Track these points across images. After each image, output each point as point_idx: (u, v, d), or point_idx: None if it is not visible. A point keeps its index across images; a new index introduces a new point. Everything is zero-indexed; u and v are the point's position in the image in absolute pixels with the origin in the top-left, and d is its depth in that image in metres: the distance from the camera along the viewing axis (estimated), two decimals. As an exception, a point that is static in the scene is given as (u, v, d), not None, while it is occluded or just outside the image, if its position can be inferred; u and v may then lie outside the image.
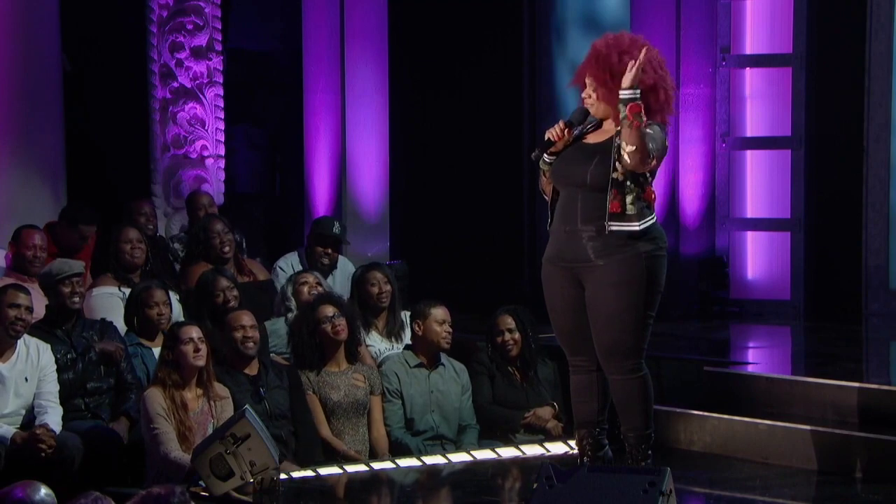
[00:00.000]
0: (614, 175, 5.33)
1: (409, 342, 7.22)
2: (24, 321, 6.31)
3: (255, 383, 6.50)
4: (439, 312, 7.00)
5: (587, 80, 5.46)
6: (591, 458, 5.56)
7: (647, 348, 5.48)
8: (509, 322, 7.13)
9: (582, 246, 5.38)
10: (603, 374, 5.53)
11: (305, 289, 7.23)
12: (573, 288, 5.46)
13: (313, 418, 6.64)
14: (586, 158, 5.40)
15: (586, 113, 5.48)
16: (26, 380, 6.32)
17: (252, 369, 6.56)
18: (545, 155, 5.51)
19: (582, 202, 5.39)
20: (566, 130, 5.46)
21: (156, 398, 6.12)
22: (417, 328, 7.06)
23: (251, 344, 6.52)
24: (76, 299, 6.65)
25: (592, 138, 5.48)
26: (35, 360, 6.36)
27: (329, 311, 6.77)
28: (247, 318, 6.56)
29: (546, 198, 5.58)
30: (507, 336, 7.11)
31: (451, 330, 6.99)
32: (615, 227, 5.33)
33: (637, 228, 5.34)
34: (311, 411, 6.65)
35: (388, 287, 7.37)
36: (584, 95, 5.48)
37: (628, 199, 5.34)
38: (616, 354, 5.41)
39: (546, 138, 5.48)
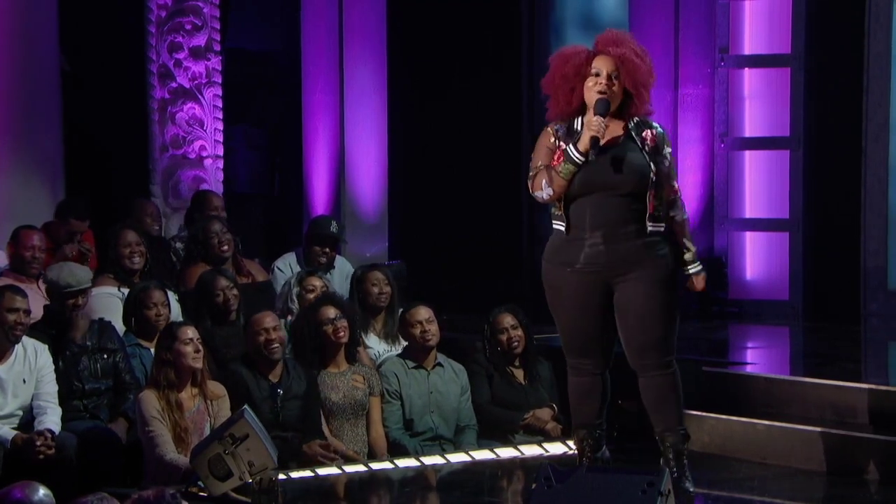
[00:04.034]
0: (652, 177, 5.34)
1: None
2: (23, 325, 6.30)
3: (274, 392, 6.48)
4: (414, 314, 6.98)
5: (605, 65, 5.32)
6: (590, 459, 5.56)
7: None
8: (510, 320, 7.12)
9: (620, 249, 5.33)
10: (605, 377, 5.53)
11: (312, 296, 7.21)
12: (599, 293, 5.40)
13: (321, 424, 6.63)
14: (616, 162, 5.33)
15: (608, 103, 5.34)
16: (24, 381, 6.32)
17: (275, 375, 6.53)
18: (575, 156, 5.32)
19: (620, 206, 5.33)
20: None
21: (150, 401, 6.12)
22: (403, 334, 7.07)
23: (276, 346, 6.48)
24: (78, 312, 6.64)
25: (608, 139, 5.37)
26: (33, 361, 6.35)
27: (331, 312, 6.76)
28: (270, 320, 6.52)
29: (541, 196, 5.39)
30: (512, 333, 7.10)
31: (429, 328, 6.95)
32: (651, 226, 5.35)
33: (663, 229, 5.40)
34: (320, 416, 6.63)
35: (388, 288, 7.37)
36: (601, 83, 5.30)
37: (657, 201, 5.36)
38: (654, 351, 5.40)
39: (591, 138, 5.28)
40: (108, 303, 7.16)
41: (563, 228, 5.42)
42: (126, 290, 7.14)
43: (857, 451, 6.06)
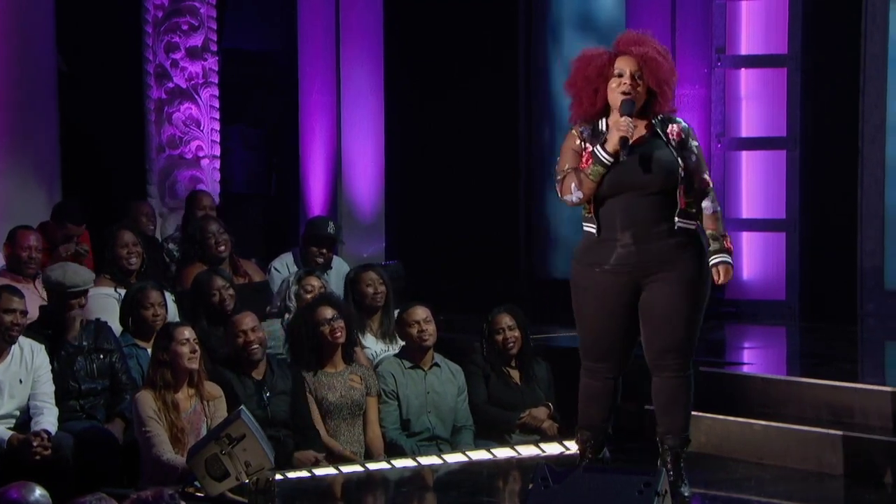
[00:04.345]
0: (681, 172, 5.33)
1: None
2: (19, 325, 6.29)
3: (259, 389, 6.49)
4: (411, 313, 6.98)
5: (628, 65, 5.29)
6: (591, 460, 5.54)
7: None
8: (508, 320, 7.12)
9: (651, 248, 5.31)
10: (617, 382, 5.49)
11: (310, 296, 7.20)
12: (628, 294, 5.37)
13: (314, 421, 6.64)
14: (644, 161, 5.30)
15: (633, 103, 5.31)
16: (20, 381, 6.31)
17: (259, 373, 6.55)
18: (604, 157, 5.29)
19: (650, 205, 5.30)
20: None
21: (146, 401, 6.12)
22: (400, 333, 7.08)
23: (256, 347, 6.49)
24: (78, 312, 6.64)
25: (634, 138, 5.33)
26: (29, 361, 6.34)
27: (328, 313, 6.76)
28: (248, 321, 6.52)
29: (571, 200, 5.35)
30: (508, 333, 7.09)
31: (426, 328, 6.95)
32: (681, 223, 5.33)
33: (694, 227, 5.38)
34: (311, 414, 6.64)
35: (383, 288, 7.37)
36: (625, 83, 5.27)
37: (689, 197, 5.34)
38: (675, 353, 5.39)
39: (621, 138, 5.25)
40: (105, 303, 7.17)
41: (594, 230, 5.37)
42: (123, 291, 7.14)
43: (854, 452, 6.07)
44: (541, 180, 10.62)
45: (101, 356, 6.63)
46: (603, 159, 5.29)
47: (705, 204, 5.39)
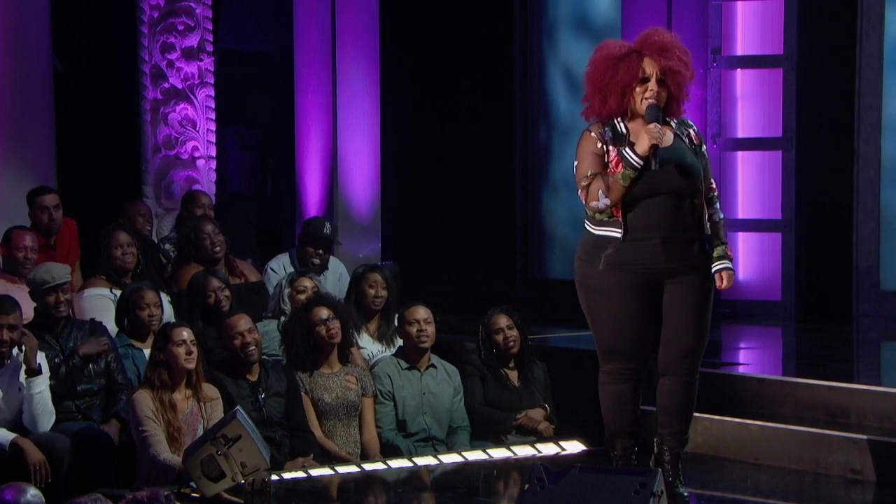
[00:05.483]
0: (701, 175, 5.33)
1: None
2: (10, 340, 6.22)
3: (254, 390, 6.49)
4: (412, 313, 6.99)
5: (654, 71, 5.27)
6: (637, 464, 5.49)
7: None
8: (506, 320, 7.12)
9: (679, 251, 5.29)
10: (641, 383, 5.45)
11: (303, 297, 7.20)
12: (649, 296, 5.34)
13: (310, 422, 6.64)
14: (677, 164, 5.27)
15: (658, 109, 5.27)
16: (19, 390, 6.28)
17: (253, 374, 6.55)
18: (635, 160, 5.21)
19: (679, 208, 5.28)
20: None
21: (144, 400, 6.11)
22: (399, 332, 7.07)
23: (252, 349, 6.49)
24: (62, 308, 6.59)
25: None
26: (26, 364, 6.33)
27: (324, 313, 6.76)
28: (244, 323, 6.51)
29: (598, 206, 5.25)
30: (508, 333, 7.09)
31: (426, 329, 6.96)
32: (704, 228, 5.35)
33: (710, 233, 5.38)
34: (307, 415, 6.64)
35: (384, 292, 7.37)
36: (652, 90, 5.24)
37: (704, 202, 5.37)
38: (690, 358, 5.39)
39: (652, 146, 5.19)
40: (100, 304, 7.16)
41: (618, 234, 5.27)
42: (118, 292, 7.13)
43: (850, 452, 6.07)
44: (537, 180, 10.62)
45: (97, 357, 6.62)
46: (634, 163, 5.20)
47: (712, 210, 5.39)
